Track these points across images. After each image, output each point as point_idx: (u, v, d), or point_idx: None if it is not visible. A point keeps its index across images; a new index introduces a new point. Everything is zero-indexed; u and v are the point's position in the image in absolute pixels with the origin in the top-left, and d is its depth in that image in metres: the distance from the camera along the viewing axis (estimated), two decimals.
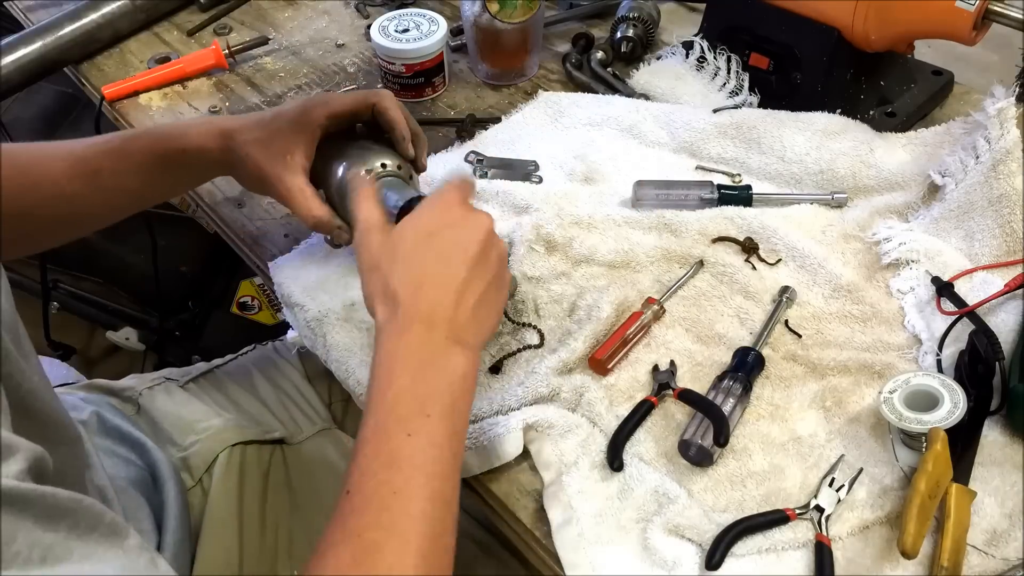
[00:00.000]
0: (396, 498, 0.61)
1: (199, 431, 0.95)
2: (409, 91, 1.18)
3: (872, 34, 0.99)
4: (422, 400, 0.66)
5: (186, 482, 0.91)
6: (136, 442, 0.90)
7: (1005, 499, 0.72)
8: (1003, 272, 0.87)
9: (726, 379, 0.81)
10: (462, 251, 0.72)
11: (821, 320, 0.87)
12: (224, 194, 1.08)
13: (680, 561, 0.71)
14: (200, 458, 0.93)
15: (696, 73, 1.13)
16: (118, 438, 0.90)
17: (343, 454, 0.97)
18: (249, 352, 1.10)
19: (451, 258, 0.72)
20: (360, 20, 1.35)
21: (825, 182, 0.99)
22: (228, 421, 0.97)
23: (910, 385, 0.76)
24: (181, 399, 1.00)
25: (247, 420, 0.99)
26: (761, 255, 0.93)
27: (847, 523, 0.72)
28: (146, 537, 0.80)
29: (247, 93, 1.23)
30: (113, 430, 0.90)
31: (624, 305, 0.88)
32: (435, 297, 0.70)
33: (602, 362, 0.83)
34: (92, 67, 1.30)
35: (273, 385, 1.04)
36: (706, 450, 0.75)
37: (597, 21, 1.30)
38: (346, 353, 0.87)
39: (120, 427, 0.91)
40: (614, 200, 0.99)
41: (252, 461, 0.94)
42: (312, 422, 1.00)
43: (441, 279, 0.71)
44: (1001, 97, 0.92)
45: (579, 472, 0.76)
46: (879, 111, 1.06)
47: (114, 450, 0.88)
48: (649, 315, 0.87)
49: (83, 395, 0.97)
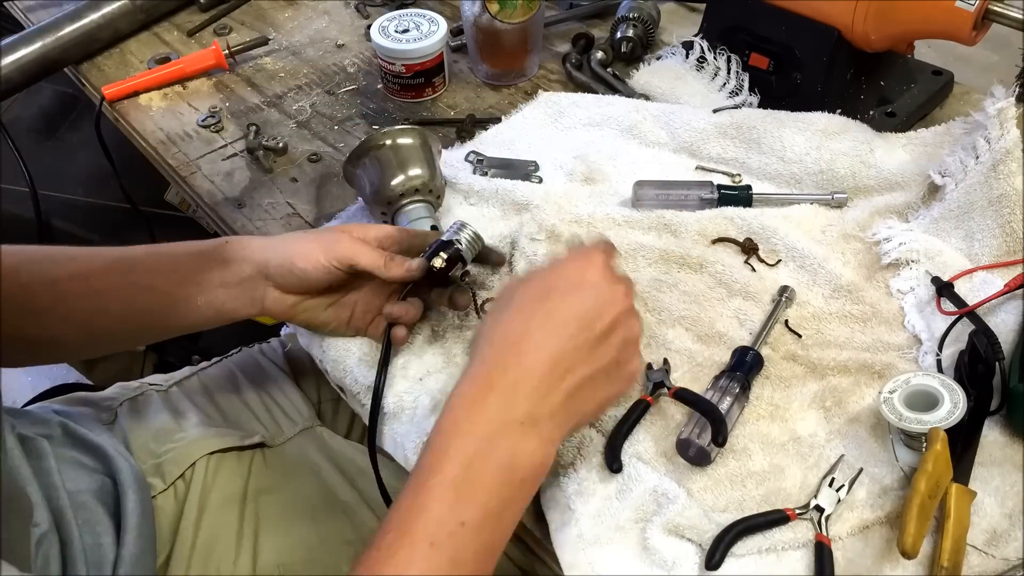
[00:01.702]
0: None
1: (176, 439, 0.94)
2: (409, 91, 1.18)
3: (872, 34, 0.99)
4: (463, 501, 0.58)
5: (155, 487, 0.89)
6: (100, 451, 0.87)
7: (1005, 499, 0.72)
8: (1003, 272, 0.87)
9: (724, 378, 0.81)
10: (578, 321, 0.64)
11: (821, 320, 0.87)
12: (224, 194, 1.08)
13: (680, 561, 0.71)
14: (174, 464, 0.91)
15: (696, 73, 1.13)
16: (83, 448, 0.87)
17: (324, 453, 0.97)
18: (234, 354, 1.10)
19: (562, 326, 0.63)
20: (360, 20, 1.35)
21: (825, 182, 0.99)
22: (207, 428, 0.96)
23: (910, 385, 0.75)
24: (160, 407, 0.99)
25: (228, 425, 0.98)
26: (761, 255, 0.93)
27: (847, 523, 0.72)
28: (104, 552, 0.79)
29: (247, 93, 1.23)
30: (79, 441, 0.87)
31: None
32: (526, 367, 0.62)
33: None
34: (92, 67, 1.30)
35: (256, 387, 1.03)
36: (704, 450, 0.75)
37: (597, 21, 1.30)
38: (344, 353, 0.87)
39: (85, 437, 0.88)
40: (614, 200, 0.99)
41: (231, 469, 0.93)
42: (294, 423, 1.00)
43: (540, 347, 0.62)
44: (1001, 97, 0.92)
45: (577, 473, 0.76)
46: (879, 111, 1.06)
47: (79, 460, 0.85)
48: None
49: (57, 407, 0.95)
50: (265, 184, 1.10)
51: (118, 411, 0.97)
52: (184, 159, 1.14)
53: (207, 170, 1.12)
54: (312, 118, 1.18)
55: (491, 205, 1.00)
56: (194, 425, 0.96)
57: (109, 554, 0.79)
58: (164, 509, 0.88)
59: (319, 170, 1.11)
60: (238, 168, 1.12)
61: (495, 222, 0.98)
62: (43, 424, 0.87)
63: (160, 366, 1.70)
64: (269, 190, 1.09)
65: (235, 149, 1.14)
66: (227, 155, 1.14)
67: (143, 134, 1.18)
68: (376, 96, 1.21)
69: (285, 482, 0.94)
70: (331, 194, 1.07)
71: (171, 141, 1.16)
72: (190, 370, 1.06)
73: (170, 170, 1.14)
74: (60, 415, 0.90)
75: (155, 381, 1.04)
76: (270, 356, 1.08)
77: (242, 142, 1.15)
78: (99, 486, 0.84)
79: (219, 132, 1.17)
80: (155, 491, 0.89)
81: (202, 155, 1.14)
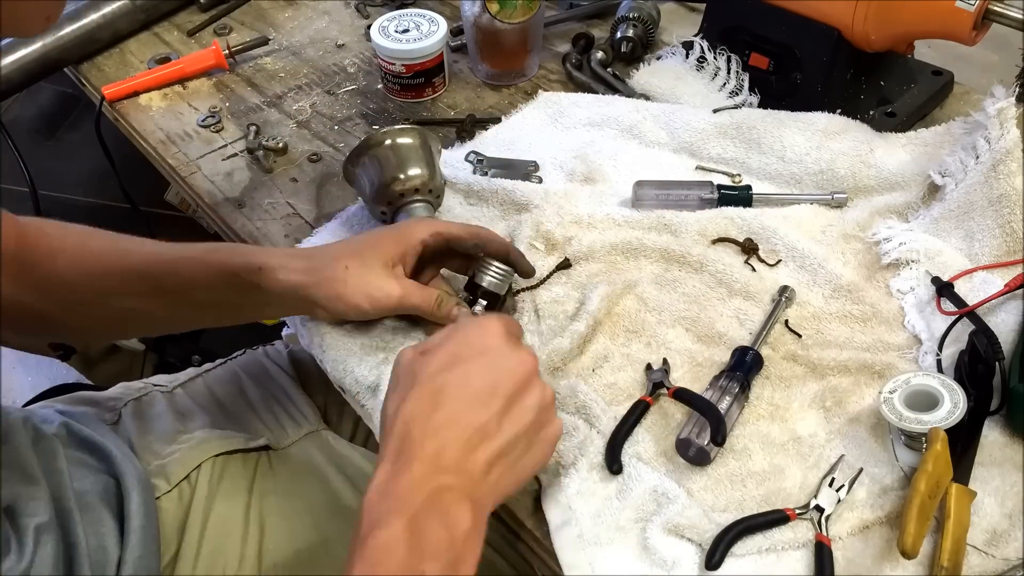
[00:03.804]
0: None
1: (181, 441, 0.94)
2: (409, 91, 1.18)
3: (872, 34, 0.99)
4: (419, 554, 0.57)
5: (160, 487, 0.89)
6: (104, 452, 0.87)
7: (1005, 499, 0.72)
8: (1003, 272, 0.87)
9: (723, 378, 0.81)
10: (491, 387, 0.63)
11: (821, 320, 0.87)
12: (224, 194, 1.08)
13: (679, 561, 0.71)
14: (180, 465, 0.91)
15: (696, 73, 1.13)
16: (87, 449, 0.87)
17: (329, 456, 0.96)
18: (239, 356, 1.10)
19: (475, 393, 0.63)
20: (360, 20, 1.35)
21: (825, 182, 0.99)
22: (212, 430, 0.96)
23: (910, 385, 0.75)
24: (165, 408, 0.99)
25: (232, 427, 0.98)
26: (761, 255, 0.93)
27: (847, 523, 0.72)
28: (108, 554, 0.79)
29: (247, 93, 1.23)
30: (83, 441, 0.88)
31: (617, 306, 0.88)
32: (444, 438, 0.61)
33: None
34: (92, 67, 1.30)
35: (261, 389, 1.03)
36: (704, 449, 0.75)
37: (597, 21, 1.30)
38: (343, 352, 0.87)
39: (89, 437, 0.88)
40: (614, 200, 0.99)
41: (236, 471, 0.93)
42: (299, 426, 1.00)
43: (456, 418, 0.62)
44: (1001, 97, 0.92)
45: (577, 473, 0.76)
46: (879, 111, 1.06)
47: (84, 460, 0.85)
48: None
49: (60, 407, 0.95)
50: (265, 184, 1.10)
51: (122, 412, 0.97)
52: (184, 159, 1.14)
53: (207, 170, 1.12)
54: (312, 118, 1.18)
55: (491, 205, 1.00)
56: (199, 428, 0.96)
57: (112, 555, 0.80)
58: (168, 511, 0.88)
59: (319, 170, 1.11)
60: (238, 168, 1.12)
61: (495, 222, 0.98)
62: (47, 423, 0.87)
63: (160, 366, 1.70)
64: (269, 190, 1.09)
65: (235, 149, 1.14)
66: (227, 155, 1.14)
67: (143, 134, 1.18)
68: (376, 96, 1.21)
69: (290, 485, 0.94)
70: (331, 194, 1.07)
71: (171, 141, 1.16)
72: (194, 371, 1.06)
73: (170, 170, 1.14)
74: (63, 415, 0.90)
75: (159, 382, 1.04)
76: (275, 359, 1.08)
77: (242, 142, 1.15)
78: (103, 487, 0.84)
79: (219, 132, 1.17)
80: (159, 492, 0.89)
81: (202, 155, 1.14)
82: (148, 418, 0.97)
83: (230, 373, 1.06)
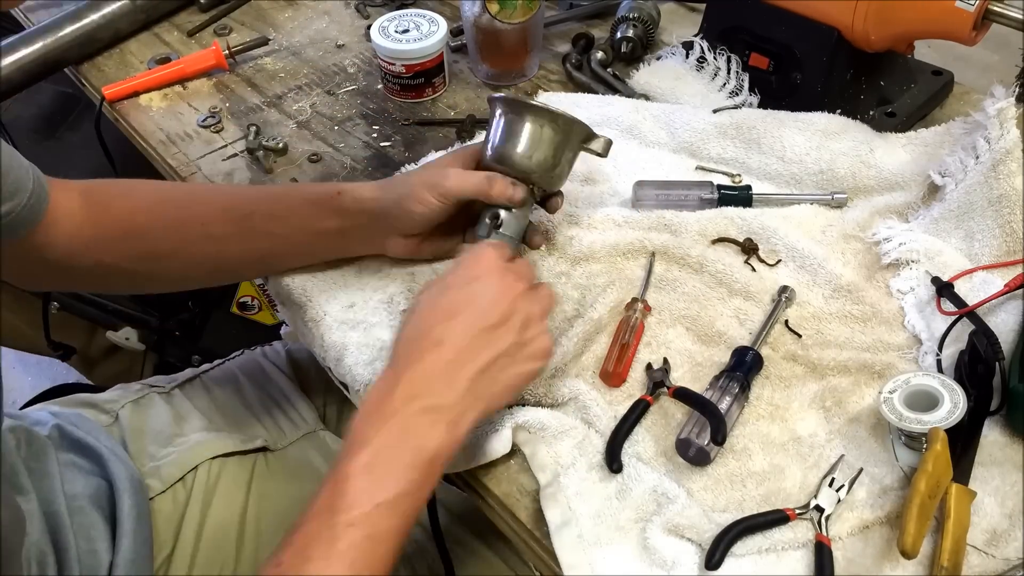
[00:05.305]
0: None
1: (177, 443, 0.94)
2: (409, 91, 1.18)
3: (872, 34, 0.99)
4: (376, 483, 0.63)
5: (154, 488, 0.89)
6: (95, 454, 0.87)
7: (1005, 499, 0.72)
8: (1003, 272, 0.87)
9: (723, 378, 0.81)
10: (473, 312, 0.68)
11: (821, 320, 0.87)
12: None
13: (679, 561, 0.71)
14: (175, 467, 0.91)
15: (696, 73, 1.13)
16: (79, 451, 0.88)
17: (327, 457, 0.96)
18: (237, 357, 1.10)
19: (459, 319, 0.68)
20: (360, 20, 1.35)
21: (825, 182, 0.99)
22: (209, 431, 0.96)
23: (910, 385, 0.75)
24: (162, 409, 0.99)
25: (230, 428, 0.98)
26: (761, 255, 0.93)
27: (847, 523, 0.72)
28: (99, 557, 0.79)
29: (247, 93, 1.23)
30: (75, 443, 0.88)
31: (619, 307, 0.88)
32: (428, 362, 0.66)
33: (611, 374, 0.83)
34: (92, 67, 1.30)
35: (259, 390, 1.03)
36: (704, 449, 0.75)
37: (597, 21, 1.30)
38: (343, 351, 0.86)
39: (82, 440, 0.88)
40: (614, 200, 0.99)
41: (233, 473, 0.93)
42: (296, 427, 0.99)
43: (440, 342, 0.67)
44: (1001, 97, 0.92)
45: (577, 473, 0.76)
46: (879, 111, 1.06)
47: (75, 462, 0.86)
48: (637, 315, 0.86)
49: (55, 408, 0.95)
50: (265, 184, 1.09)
51: (119, 413, 0.97)
52: (184, 159, 1.14)
53: (207, 170, 1.12)
54: (312, 118, 1.18)
55: None
56: (196, 429, 0.96)
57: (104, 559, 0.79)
58: (162, 511, 0.88)
59: (319, 170, 1.11)
60: (238, 168, 1.12)
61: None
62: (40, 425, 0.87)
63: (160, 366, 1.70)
64: None
65: (235, 149, 1.14)
66: (227, 155, 1.14)
67: (143, 134, 1.18)
68: (376, 96, 1.21)
69: (287, 486, 0.94)
70: None
71: (171, 141, 1.16)
72: (192, 372, 1.06)
73: (170, 170, 1.14)
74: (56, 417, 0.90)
75: (157, 383, 1.04)
76: (273, 359, 1.08)
77: (242, 142, 1.15)
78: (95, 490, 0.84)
79: (219, 132, 1.17)
80: (153, 493, 0.89)
81: (202, 155, 1.14)
82: (145, 419, 0.97)
83: (228, 374, 1.06)
